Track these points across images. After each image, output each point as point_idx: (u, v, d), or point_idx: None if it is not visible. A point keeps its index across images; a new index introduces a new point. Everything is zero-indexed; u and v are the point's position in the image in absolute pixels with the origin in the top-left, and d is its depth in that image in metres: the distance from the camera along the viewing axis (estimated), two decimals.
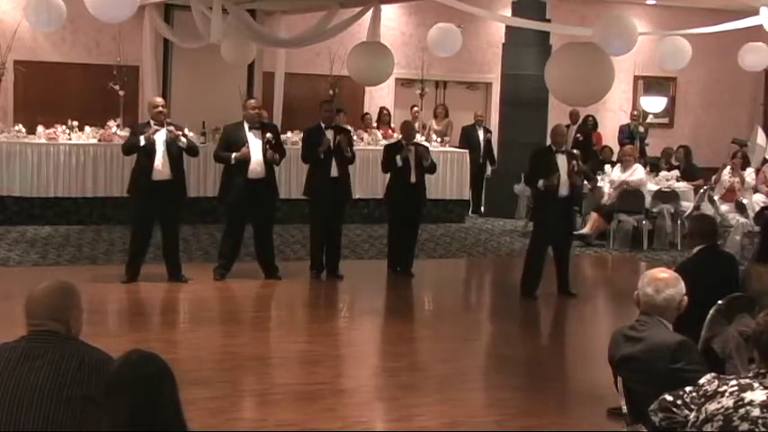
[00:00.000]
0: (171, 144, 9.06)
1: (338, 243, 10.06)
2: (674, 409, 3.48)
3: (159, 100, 9.49)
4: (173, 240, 9.34)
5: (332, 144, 9.67)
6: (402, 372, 7.00)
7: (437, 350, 7.78)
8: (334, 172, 9.77)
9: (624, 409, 4.23)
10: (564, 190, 9.29)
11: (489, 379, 7.18)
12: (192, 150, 9.37)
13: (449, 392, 6.50)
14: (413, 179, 10.15)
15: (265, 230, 9.70)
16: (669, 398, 3.53)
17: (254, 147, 9.42)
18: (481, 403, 6.58)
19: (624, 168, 12.86)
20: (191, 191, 12.05)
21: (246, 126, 9.52)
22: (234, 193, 9.46)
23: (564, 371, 7.56)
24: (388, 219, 10.65)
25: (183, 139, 9.13)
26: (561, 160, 9.35)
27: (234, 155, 9.34)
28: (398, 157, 10.02)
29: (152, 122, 9.18)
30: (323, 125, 9.85)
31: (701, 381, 3.39)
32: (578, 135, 15.35)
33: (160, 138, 9.06)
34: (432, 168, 10.31)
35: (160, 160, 9.05)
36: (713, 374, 3.42)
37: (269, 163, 9.49)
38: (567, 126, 15.45)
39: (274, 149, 9.48)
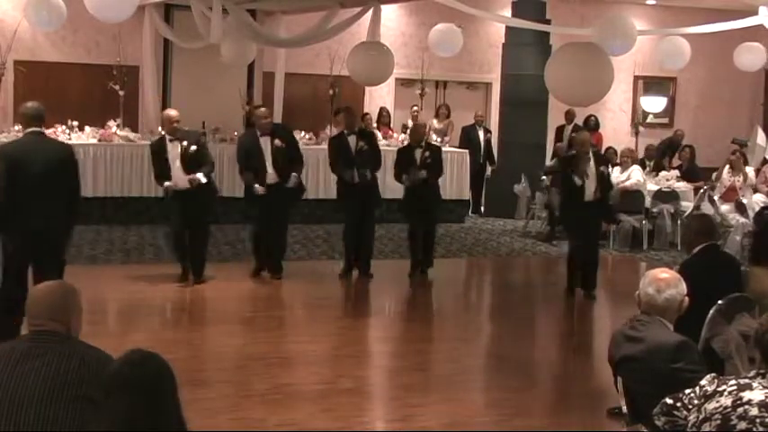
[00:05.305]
0: (187, 157, 9.15)
1: (370, 243, 10.15)
2: (675, 412, 3.49)
3: (174, 114, 9.38)
4: (197, 244, 9.45)
5: (354, 150, 9.92)
6: (402, 372, 7.01)
7: (437, 350, 7.78)
8: (366, 176, 9.92)
9: (624, 409, 4.23)
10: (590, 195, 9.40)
11: (489, 379, 7.19)
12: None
13: (449, 392, 6.50)
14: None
15: (278, 231, 9.83)
16: (669, 401, 3.53)
17: (267, 154, 9.58)
18: (481, 403, 6.59)
19: (622, 170, 12.90)
20: None
21: (258, 133, 9.67)
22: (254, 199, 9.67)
23: (564, 371, 7.56)
24: (406, 220, 10.59)
25: (200, 178, 9.19)
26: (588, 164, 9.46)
27: (256, 186, 9.52)
28: (404, 177, 10.11)
29: (167, 137, 9.22)
30: (345, 132, 10.05)
31: (702, 381, 3.40)
32: (574, 135, 15.34)
33: (175, 150, 9.16)
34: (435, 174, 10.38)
35: (176, 173, 9.16)
36: (713, 375, 3.43)
37: (282, 167, 9.62)
38: (563, 126, 15.47)
39: (291, 168, 9.72)
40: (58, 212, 6.66)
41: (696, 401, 3.36)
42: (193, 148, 9.20)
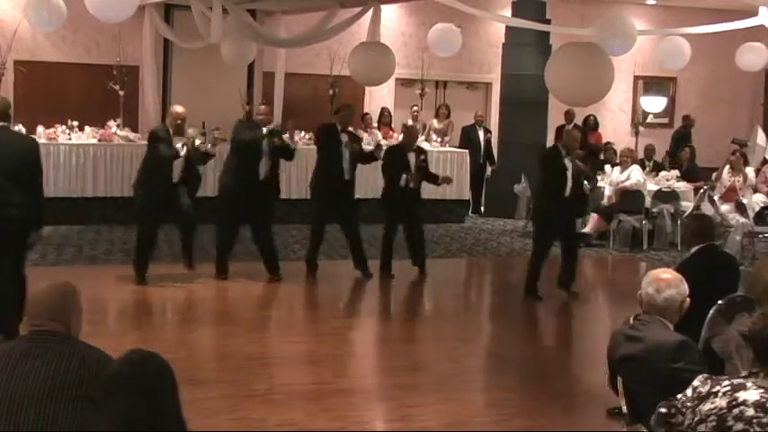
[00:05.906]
0: (195, 151, 9.32)
1: (359, 241, 10.13)
2: (672, 420, 3.47)
3: (181, 110, 9.33)
4: (192, 239, 9.54)
5: (344, 148, 9.91)
6: (402, 372, 7.00)
7: (437, 350, 7.78)
8: (347, 174, 9.93)
9: (624, 409, 4.23)
10: (568, 191, 9.35)
11: (489, 379, 7.19)
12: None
13: (449, 392, 6.50)
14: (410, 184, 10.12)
15: (264, 230, 9.76)
16: (663, 410, 3.50)
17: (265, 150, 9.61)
18: (481, 403, 6.59)
19: (622, 169, 12.91)
20: None
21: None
22: (239, 194, 9.58)
23: (564, 371, 7.56)
24: (388, 221, 10.50)
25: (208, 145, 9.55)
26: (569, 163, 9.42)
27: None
28: (403, 177, 10.08)
29: (170, 130, 9.20)
30: (339, 126, 10.01)
31: (695, 383, 3.38)
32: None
33: (178, 145, 9.22)
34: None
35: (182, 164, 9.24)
36: (705, 375, 3.40)
37: (273, 165, 9.67)
38: (563, 126, 15.45)
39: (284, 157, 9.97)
40: (25, 199, 6.87)
41: (689, 404, 3.35)
42: (198, 141, 9.35)
